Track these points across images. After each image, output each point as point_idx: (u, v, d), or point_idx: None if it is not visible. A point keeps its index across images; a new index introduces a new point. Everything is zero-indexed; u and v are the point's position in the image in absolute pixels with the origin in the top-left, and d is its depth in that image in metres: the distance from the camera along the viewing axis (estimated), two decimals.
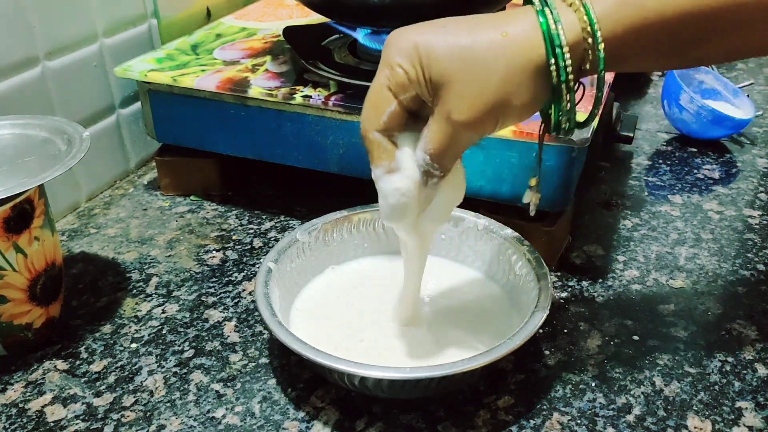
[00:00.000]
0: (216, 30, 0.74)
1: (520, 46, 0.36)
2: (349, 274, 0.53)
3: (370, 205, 0.54)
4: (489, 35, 0.36)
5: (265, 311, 0.44)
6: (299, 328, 0.48)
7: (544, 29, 0.35)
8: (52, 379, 0.47)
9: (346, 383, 0.42)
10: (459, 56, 0.36)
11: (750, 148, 0.75)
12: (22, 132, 0.50)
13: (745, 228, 0.61)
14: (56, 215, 0.64)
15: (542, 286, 0.46)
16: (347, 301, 0.50)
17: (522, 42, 0.36)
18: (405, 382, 0.40)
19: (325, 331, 0.47)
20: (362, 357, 0.44)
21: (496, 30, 0.36)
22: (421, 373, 0.39)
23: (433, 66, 0.36)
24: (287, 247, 0.50)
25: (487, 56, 0.36)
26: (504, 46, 0.36)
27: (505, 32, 0.36)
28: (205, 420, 0.43)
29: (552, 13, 0.35)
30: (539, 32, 0.35)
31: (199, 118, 0.63)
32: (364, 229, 0.54)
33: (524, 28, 0.36)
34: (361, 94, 0.58)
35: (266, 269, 0.48)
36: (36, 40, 0.60)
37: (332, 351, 0.41)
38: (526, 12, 0.37)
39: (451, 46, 0.36)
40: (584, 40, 0.35)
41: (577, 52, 0.36)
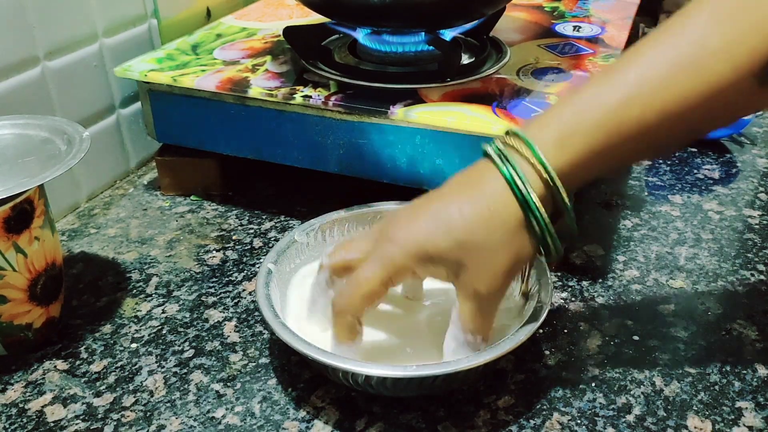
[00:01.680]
0: (216, 30, 0.74)
1: (506, 213, 0.39)
2: None
3: (367, 204, 0.54)
4: (479, 215, 0.39)
5: (267, 312, 0.44)
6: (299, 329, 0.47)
7: (517, 195, 0.39)
8: (52, 379, 0.47)
9: (350, 382, 0.42)
10: (464, 247, 0.39)
11: (750, 148, 0.75)
12: (22, 132, 0.50)
13: (745, 228, 0.61)
14: (56, 215, 0.64)
15: (542, 282, 0.46)
16: None
17: (505, 209, 0.39)
18: (410, 380, 0.40)
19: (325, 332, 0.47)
20: (363, 355, 0.44)
21: (481, 205, 0.39)
22: (426, 371, 0.39)
23: (443, 262, 0.40)
24: (286, 248, 0.50)
25: (487, 238, 0.39)
26: (495, 222, 0.39)
27: (489, 206, 0.39)
28: (205, 420, 0.43)
29: (517, 173, 0.39)
30: (512, 194, 0.39)
31: (199, 118, 0.63)
32: (362, 229, 0.54)
33: (499, 193, 0.39)
34: (362, 94, 0.59)
35: (266, 271, 0.48)
36: (36, 40, 0.60)
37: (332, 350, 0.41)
38: (490, 172, 0.40)
39: (453, 239, 0.39)
40: (548, 189, 0.39)
41: (546, 200, 0.39)
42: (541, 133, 0.39)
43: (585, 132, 0.38)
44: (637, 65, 0.38)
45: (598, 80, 0.40)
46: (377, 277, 0.40)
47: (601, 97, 0.39)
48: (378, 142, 0.57)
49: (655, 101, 0.38)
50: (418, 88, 0.59)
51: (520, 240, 0.40)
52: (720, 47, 0.37)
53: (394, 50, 0.64)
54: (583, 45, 0.69)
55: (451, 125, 0.54)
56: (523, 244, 0.40)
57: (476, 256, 0.39)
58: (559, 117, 0.39)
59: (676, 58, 0.38)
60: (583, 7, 0.80)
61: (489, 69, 0.63)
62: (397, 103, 0.56)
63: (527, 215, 0.39)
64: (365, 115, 0.57)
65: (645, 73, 0.38)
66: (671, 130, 0.39)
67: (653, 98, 0.38)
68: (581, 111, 0.39)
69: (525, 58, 0.65)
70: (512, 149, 0.40)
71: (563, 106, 0.40)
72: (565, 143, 0.38)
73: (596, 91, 0.39)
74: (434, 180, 0.57)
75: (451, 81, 0.60)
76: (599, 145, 0.38)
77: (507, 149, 0.40)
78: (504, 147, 0.40)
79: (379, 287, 0.41)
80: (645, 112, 0.38)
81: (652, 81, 0.38)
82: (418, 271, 0.41)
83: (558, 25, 0.74)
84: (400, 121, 0.56)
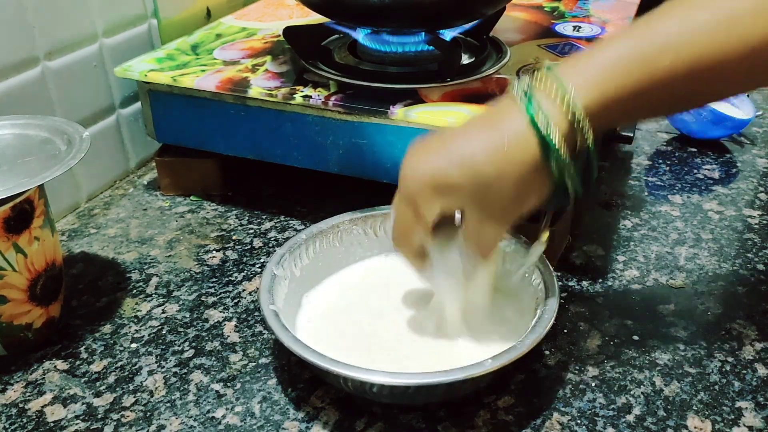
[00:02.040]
0: (216, 30, 0.74)
1: (523, 151, 0.39)
2: (357, 275, 0.53)
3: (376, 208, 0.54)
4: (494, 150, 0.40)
5: (274, 323, 0.43)
6: (307, 334, 0.47)
7: (538, 133, 0.39)
8: (52, 379, 0.47)
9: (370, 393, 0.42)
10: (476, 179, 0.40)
11: (750, 148, 0.75)
12: (22, 132, 0.50)
13: (745, 228, 0.61)
14: (56, 215, 0.64)
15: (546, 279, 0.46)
16: (354, 303, 0.50)
17: (523, 146, 0.39)
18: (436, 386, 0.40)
19: (334, 337, 0.47)
20: (383, 364, 0.44)
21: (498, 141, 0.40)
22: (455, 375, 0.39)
23: (456, 193, 0.41)
24: (289, 252, 0.50)
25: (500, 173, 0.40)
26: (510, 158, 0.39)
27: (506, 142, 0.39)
28: (205, 420, 0.43)
29: (542, 111, 0.39)
30: (534, 134, 0.39)
31: (199, 118, 0.63)
32: (371, 231, 0.54)
33: (520, 130, 0.39)
34: (362, 94, 0.59)
35: (270, 275, 0.47)
36: (36, 40, 0.60)
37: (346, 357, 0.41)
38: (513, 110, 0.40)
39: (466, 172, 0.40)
40: (572, 129, 0.39)
41: (570, 140, 0.39)
42: (572, 71, 0.39)
43: (615, 74, 0.38)
44: (677, 15, 0.39)
45: (636, 27, 0.40)
46: (404, 212, 0.43)
47: (636, 43, 0.39)
48: (378, 142, 0.57)
49: (688, 53, 0.38)
50: (418, 88, 0.59)
51: (534, 179, 0.40)
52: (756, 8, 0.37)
53: (394, 50, 0.64)
54: (583, 45, 0.69)
55: (451, 125, 0.54)
56: (537, 184, 0.40)
57: (486, 189, 0.40)
58: (590, 59, 0.40)
59: (711, 11, 0.38)
60: (583, 7, 0.80)
61: (489, 69, 0.63)
62: (397, 103, 0.56)
63: (546, 154, 0.39)
64: (365, 115, 0.57)
65: (684, 23, 0.38)
66: (699, 84, 0.39)
67: (686, 50, 0.38)
68: (614, 56, 0.39)
69: (525, 58, 0.65)
70: (539, 88, 0.39)
71: (596, 50, 0.40)
72: (594, 84, 0.38)
73: (632, 37, 0.39)
74: None
75: (451, 81, 0.60)
76: (628, 89, 0.38)
77: (534, 88, 0.40)
78: (531, 85, 0.40)
79: (410, 221, 0.42)
80: (676, 62, 0.38)
81: (687, 34, 0.38)
82: (436, 202, 0.41)
83: (558, 25, 0.74)
84: (400, 121, 0.56)
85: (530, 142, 0.39)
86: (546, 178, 0.40)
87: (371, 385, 0.40)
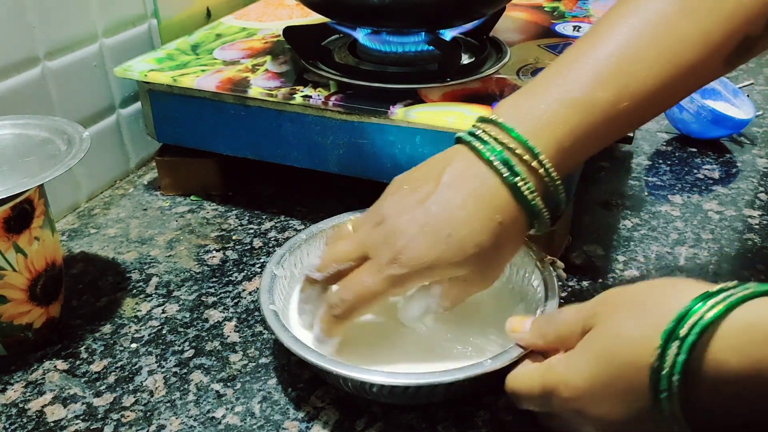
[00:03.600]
0: (216, 30, 0.74)
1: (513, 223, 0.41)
2: None
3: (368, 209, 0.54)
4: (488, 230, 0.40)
5: (274, 323, 0.43)
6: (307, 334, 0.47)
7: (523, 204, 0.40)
8: (52, 379, 0.47)
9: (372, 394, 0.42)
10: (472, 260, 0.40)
11: (750, 148, 0.75)
12: (22, 132, 0.50)
13: (745, 228, 0.61)
14: (56, 215, 0.64)
15: (546, 277, 0.46)
16: None
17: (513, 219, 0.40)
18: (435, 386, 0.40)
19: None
20: (383, 364, 0.44)
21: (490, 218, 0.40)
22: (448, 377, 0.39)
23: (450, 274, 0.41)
24: (289, 252, 0.50)
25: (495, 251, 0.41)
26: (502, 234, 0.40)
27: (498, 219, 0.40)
28: (205, 420, 0.43)
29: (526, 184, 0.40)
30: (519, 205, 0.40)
31: (199, 118, 0.63)
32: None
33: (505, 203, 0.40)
34: (362, 94, 0.59)
35: (270, 275, 0.47)
36: (36, 40, 0.60)
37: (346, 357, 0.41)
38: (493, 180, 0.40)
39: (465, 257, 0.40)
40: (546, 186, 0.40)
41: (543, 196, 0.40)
42: (519, 120, 0.40)
43: (577, 126, 0.40)
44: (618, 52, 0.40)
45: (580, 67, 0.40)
46: (382, 289, 0.41)
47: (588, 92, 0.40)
48: (378, 142, 0.57)
49: (640, 92, 0.39)
50: (418, 88, 0.59)
51: (519, 240, 0.42)
52: (698, 37, 0.39)
53: (394, 50, 0.64)
54: None
55: (451, 125, 0.54)
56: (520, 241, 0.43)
57: (485, 265, 0.41)
58: (546, 108, 0.40)
59: (654, 44, 0.39)
60: (583, 7, 0.80)
61: (489, 69, 0.63)
62: (397, 103, 0.56)
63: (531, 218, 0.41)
64: (365, 115, 0.57)
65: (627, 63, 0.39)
66: (649, 112, 0.41)
67: (638, 89, 0.39)
68: (570, 106, 0.40)
69: (525, 58, 0.65)
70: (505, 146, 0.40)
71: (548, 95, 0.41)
72: (557, 139, 0.40)
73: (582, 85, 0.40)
74: None
75: (451, 81, 0.60)
76: (590, 136, 0.40)
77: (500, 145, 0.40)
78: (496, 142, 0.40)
79: (381, 298, 0.41)
80: (632, 102, 0.39)
81: (635, 73, 0.39)
82: (426, 281, 0.42)
83: (558, 25, 0.74)
84: (400, 121, 0.56)
85: (518, 212, 0.40)
86: (524, 233, 0.42)
87: (371, 384, 0.40)
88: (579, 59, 0.41)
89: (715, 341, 0.31)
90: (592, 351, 0.35)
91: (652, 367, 0.32)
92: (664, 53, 0.39)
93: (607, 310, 0.36)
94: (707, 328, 0.31)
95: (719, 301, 0.31)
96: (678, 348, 0.31)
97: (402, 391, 0.41)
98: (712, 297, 0.32)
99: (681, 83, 0.40)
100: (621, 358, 0.33)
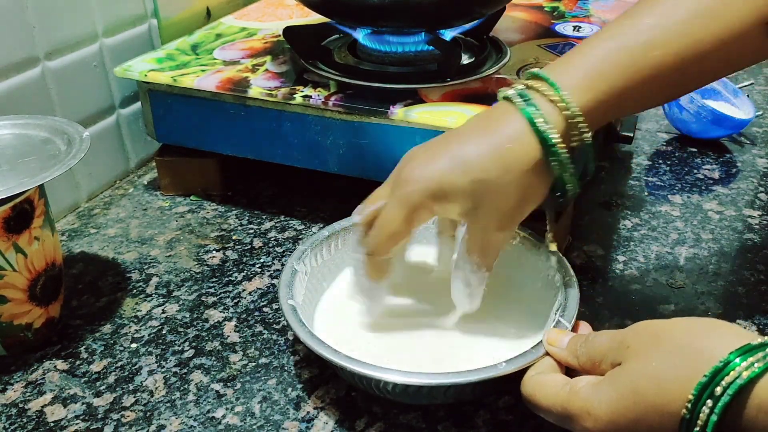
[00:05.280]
0: (216, 30, 0.74)
1: (523, 153, 0.40)
2: None
3: None
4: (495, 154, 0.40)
5: (292, 318, 0.43)
6: (323, 331, 0.47)
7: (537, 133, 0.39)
8: (52, 379, 0.47)
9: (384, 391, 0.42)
10: (478, 185, 0.40)
11: (750, 148, 0.75)
12: (22, 132, 0.50)
13: (745, 228, 0.61)
14: (56, 215, 0.64)
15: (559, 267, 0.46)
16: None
17: (522, 149, 0.40)
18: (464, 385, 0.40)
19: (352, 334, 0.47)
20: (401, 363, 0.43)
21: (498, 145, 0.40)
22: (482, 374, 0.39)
23: (458, 200, 0.41)
24: (310, 249, 0.50)
25: (502, 177, 0.40)
26: (511, 161, 0.40)
27: (506, 145, 0.40)
28: (205, 420, 0.43)
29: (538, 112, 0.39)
30: (533, 135, 0.39)
31: (199, 118, 0.63)
32: None
33: (519, 133, 0.40)
34: (362, 94, 0.59)
35: (291, 270, 0.47)
36: (36, 40, 0.60)
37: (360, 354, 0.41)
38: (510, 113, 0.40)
39: (469, 178, 0.40)
40: (569, 128, 0.40)
41: (567, 139, 0.40)
42: (565, 75, 0.40)
43: (608, 74, 0.40)
44: (657, 12, 0.40)
45: (620, 25, 0.41)
46: (398, 216, 0.41)
47: (623, 40, 0.40)
48: (378, 142, 0.57)
49: (674, 46, 0.40)
50: (418, 88, 0.59)
51: (534, 180, 0.41)
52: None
53: (394, 50, 0.64)
54: None
55: (451, 125, 0.54)
56: (537, 186, 0.41)
57: (489, 194, 0.40)
58: (581, 60, 0.41)
59: (694, 6, 0.40)
60: (583, 7, 0.80)
61: (489, 69, 0.63)
62: (397, 103, 0.56)
63: (546, 154, 0.40)
64: (365, 115, 0.57)
65: (664, 19, 0.40)
66: (686, 74, 0.41)
67: (672, 43, 0.40)
68: (604, 54, 0.40)
69: (525, 58, 0.65)
70: (534, 90, 0.40)
71: (586, 49, 0.41)
72: (588, 85, 0.40)
73: (619, 36, 0.41)
74: None
75: (451, 81, 0.60)
76: (620, 86, 0.40)
77: (529, 91, 0.41)
78: (525, 89, 0.41)
79: (400, 226, 0.41)
80: (665, 55, 0.40)
81: (672, 27, 0.40)
82: (434, 209, 0.41)
83: (558, 25, 0.74)
84: (400, 121, 0.56)
85: (530, 143, 0.40)
86: (545, 179, 0.41)
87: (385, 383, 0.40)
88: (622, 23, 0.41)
89: (751, 400, 0.30)
90: (621, 386, 0.34)
91: (683, 418, 0.31)
92: (704, 5, 0.40)
93: (641, 345, 0.35)
94: (743, 388, 0.30)
95: (759, 359, 0.30)
96: (711, 408, 0.31)
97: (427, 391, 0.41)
98: (752, 353, 0.31)
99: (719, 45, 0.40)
100: (649, 399, 0.33)
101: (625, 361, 0.35)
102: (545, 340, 0.41)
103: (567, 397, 0.36)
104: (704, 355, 0.32)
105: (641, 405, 0.33)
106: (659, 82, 0.41)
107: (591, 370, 0.38)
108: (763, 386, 0.30)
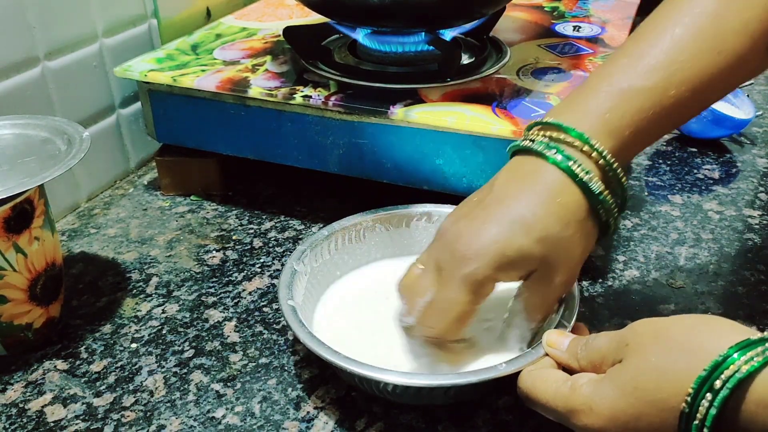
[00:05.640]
0: (216, 30, 0.74)
1: (574, 203, 0.40)
2: (376, 274, 0.53)
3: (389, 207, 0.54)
4: (550, 210, 0.39)
5: (291, 319, 0.43)
6: (324, 332, 0.47)
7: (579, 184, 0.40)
8: (52, 379, 0.47)
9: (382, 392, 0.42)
10: (545, 243, 0.39)
11: (750, 148, 0.75)
12: (22, 132, 0.50)
13: (745, 228, 0.61)
14: (56, 215, 0.64)
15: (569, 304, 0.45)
16: (374, 300, 0.50)
17: (572, 199, 0.40)
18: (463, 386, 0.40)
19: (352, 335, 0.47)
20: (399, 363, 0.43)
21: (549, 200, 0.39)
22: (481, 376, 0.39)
23: (525, 263, 0.40)
24: (310, 249, 0.50)
25: (563, 230, 0.39)
26: (567, 213, 0.40)
27: (556, 200, 0.39)
28: (205, 420, 0.43)
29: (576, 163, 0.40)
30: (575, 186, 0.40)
31: (199, 118, 0.63)
32: (391, 231, 0.54)
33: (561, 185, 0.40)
34: (362, 94, 0.59)
35: (291, 271, 0.47)
36: (36, 40, 0.60)
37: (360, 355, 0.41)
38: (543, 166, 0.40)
39: (533, 239, 0.39)
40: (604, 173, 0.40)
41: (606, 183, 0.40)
42: (585, 122, 0.40)
43: (630, 117, 0.40)
44: (664, 46, 0.41)
45: (628, 65, 0.41)
46: (464, 298, 0.40)
47: (636, 81, 0.41)
48: (378, 142, 0.57)
49: (687, 80, 0.40)
50: (418, 88, 0.59)
51: (589, 228, 0.41)
52: (738, 25, 0.40)
53: (394, 50, 0.64)
54: (583, 45, 0.69)
55: (451, 125, 0.54)
56: (592, 232, 0.41)
57: (556, 251, 0.40)
58: (596, 104, 0.41)
59: (699, 36, 0.41)
60: (583, 7, 0.80)
61: (489, 69, 0.63)
62: (397, 103, 0.56)
63: (593, 202, 0.40)
64: (365, 115, 0.57)
65: (674, 54, 0.41)
66: (699, 102, 0.42)
67: (685, 77, 0.40)
68: (620, 99, 0.41)
69: (525, 58, 0.65)
70: (561, 142, 0.40)
71: (599, 92, 0.41)
72: (609, 130, 0.40)
73: (631, 75, 0.41)
74: (434, 180, 0.57)
75: (451, 81, 0.60)
76: (642, 129, 0.41)
77: (554, 142, 0.41)
78: (549, 140, 0.41)
79: (467, 306, 0.40)
80: (680, 91, 0.40)
81: (682, 62, 0.40)
82: (499, 277, 0.40)
83: (558, 25, 0.74)
84: (400, 121, 0.56)
85: (575, 194, 0.40)
86: (596, 225, 0.41)
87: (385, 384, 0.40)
88: (627, 54, 0.42)
89: (750, 394, 0.30)
90: (622, 382, 0.34)
91: (682, 412, 0.32)
92: (707, 42, 0.40)
93: (640, 342, 0.35)
94: (742, 382, 0.30)
95: (758, 354, 0.30)
96: (710, 401, 0.31)
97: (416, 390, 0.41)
98: (751, 348, 0.31)
99: (726, 72, 0.41)
100: (649, 395, 0.33)
101: (625, 358, 0.35)
102: (545, 342, 0.40)
103: (568, 393, 0.36)
104: (704, 349, 0.32)
105: (642, 401, 0.33)
106: (674, 119, 0.42)
107: (591, 371, 0.38)
108: (762, 381, 0.30)
